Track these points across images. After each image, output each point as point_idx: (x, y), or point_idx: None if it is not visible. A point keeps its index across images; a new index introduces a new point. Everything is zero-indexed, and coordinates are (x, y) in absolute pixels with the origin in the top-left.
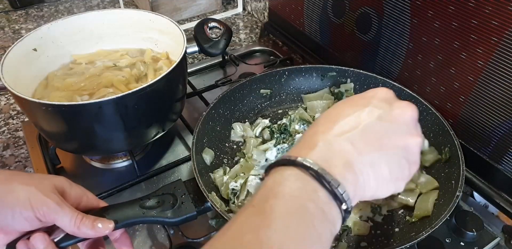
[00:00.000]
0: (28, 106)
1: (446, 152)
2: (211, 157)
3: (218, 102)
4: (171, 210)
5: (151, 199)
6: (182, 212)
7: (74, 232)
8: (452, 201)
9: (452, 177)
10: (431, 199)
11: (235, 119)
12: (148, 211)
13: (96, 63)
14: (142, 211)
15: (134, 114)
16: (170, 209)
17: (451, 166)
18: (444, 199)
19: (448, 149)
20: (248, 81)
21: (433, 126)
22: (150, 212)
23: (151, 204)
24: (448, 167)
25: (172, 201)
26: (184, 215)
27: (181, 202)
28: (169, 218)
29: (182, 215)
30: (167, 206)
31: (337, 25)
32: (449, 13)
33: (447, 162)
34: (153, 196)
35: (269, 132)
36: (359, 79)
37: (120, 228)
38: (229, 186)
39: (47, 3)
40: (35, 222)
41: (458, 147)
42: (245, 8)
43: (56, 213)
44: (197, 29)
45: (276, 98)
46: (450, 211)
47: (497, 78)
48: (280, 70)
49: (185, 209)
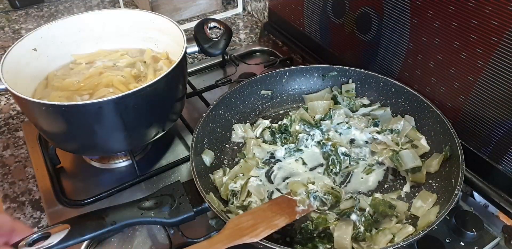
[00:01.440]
0: (28, 106)
1: (447, 150)
2: (211, 158)
3: (218, 104)
4: (169, 211)
5: (150, 200)
6: (180, 212)
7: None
8: (451, 200)
9: (452, 175)
10: (433, 212)
11: (236, 120)
12: (146, 212)
13: (96, 63)
14: (140, 212)
15: (134, 114)
16: (168, 209)
17: (451, 164)
18: (443, 198)
19: (448, 147)
20: (248, 83)
21: (434, 124)
22: (148, 213)
23: (149, 205)
24: (448, 165)
25: (170, 202)
26: (181, 215)
27: (179, 202)
28: (166, 219)
29: (180, 216)
30: (165, 207)
31: (337, 25)
32: (449, 13)
33: (447, 161)
34: (152, 197)
35: (270, 132)
36: (360, 79)
37: (118, 229)
38: (229, 187)
39: (47, 3)
40: None
41: (458, 145)
42: (245, 8)
43: None
44: (197, 29)
45: (277, 99)
46: (449, 210)
47: (497, 78)
48: (281, 71)
49: (183, 210)
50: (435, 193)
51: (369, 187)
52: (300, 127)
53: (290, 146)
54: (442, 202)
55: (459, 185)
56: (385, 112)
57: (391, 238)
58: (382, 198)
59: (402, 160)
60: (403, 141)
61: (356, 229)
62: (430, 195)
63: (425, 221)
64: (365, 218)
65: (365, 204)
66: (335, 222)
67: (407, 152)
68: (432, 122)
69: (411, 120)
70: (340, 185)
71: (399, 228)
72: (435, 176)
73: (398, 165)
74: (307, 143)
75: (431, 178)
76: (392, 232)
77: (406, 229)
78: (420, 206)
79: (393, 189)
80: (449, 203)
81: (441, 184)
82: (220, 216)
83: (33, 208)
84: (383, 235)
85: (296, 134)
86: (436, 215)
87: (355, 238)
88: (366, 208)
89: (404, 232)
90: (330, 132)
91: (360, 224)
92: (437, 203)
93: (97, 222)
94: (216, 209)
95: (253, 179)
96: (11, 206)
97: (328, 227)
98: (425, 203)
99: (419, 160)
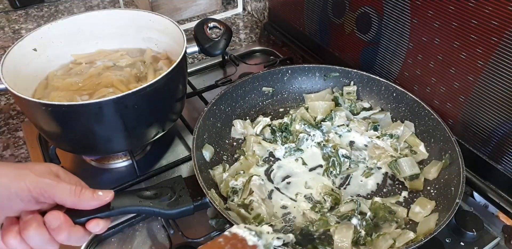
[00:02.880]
0: (28, 106)
1: (447, 158)
2: (211, 153)
3: (220, 98)
4: (168, 202)
5: (150, 190)
6: (179, 204)
7: (75, 204)
8: (451, 208)
9: (451, 183)
10: (432, 219)
11: (236, 116)
12: (144, 201)
13: (96, 63)
14: (139, 200)
15: (134, 114)
16: (166, 200)
17: (451, 172)
18: (443, 205)
19: (448, 155)
20: (250, 79)
21: (434, 131)
22: (147, 202)
23: (148, 195)
24: (448, 173)
25: (170, 194)
26: (180, 207)
27: (179, 195)
28: (165, 209)
29: (178, 208)
30: (164, 198)
31: (337, 25)
32: (449, 13)
33: (446, 168)
34: (152, 188)
35: (270, 130)
36: (361, 81)
37: (116, 214)
38: (229, 184)
39: (47, 3)
40: (31, 203)
41: (459, 153)
42: (245, 8)
43: (54, 187)
44: (197, 29)
45: (278, 96)
46: (450, 218)
47: (497, 78)
48: (283, 69)
49: (182, 202)
50: (434, 200)
51: (368, 190)
52: (301, 126)
53: (290, 145)
54: (441, 210)
55: (460, 194)
56: (385, 116)
57: (391, 243)
58: (382, 202)
59: (400, 168)
60: (402, 146)
61: (357, 233)
62: (429, 202)
63: (425, 227)
64: (366, 222)
65: (366, 208)
66: (336, 225)
67: (405, 160)
68: (432, 129)
69: (411, 126)
70: (339, 187)
71: (399, 234)
72: (433, 183)
73: (397, 172)
74: (307, 143)
75: (429, 185)
76: (392, 237)
77: (406, 234)
78: (418, 212)
79: (392, 194)
80: (450, 212)
81: (440, 191)
82: (222, 213)
83: None
84: (383, 240)
85: (297, 134)
86: (436, 222)
87: (355, 242)
88: (367, 212)
89: (405, 237)
90: (330, 133)
91: (361, 228)
92: (435, 210)
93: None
94: (218, 206)
95: (256, 178)
96: None
97: (328, 229)
98: (424, 209)
99: (417, 167)
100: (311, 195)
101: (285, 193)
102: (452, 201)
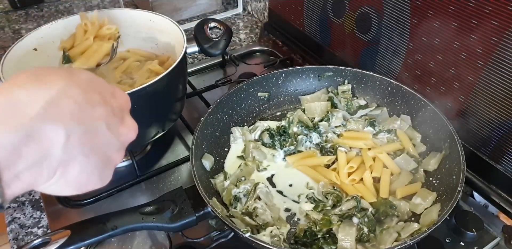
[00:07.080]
0: None
1: (446, 148)
2: (211, 162)
3: (216, 107)
4: (170, 216)
5: (151, 205)
6: (182, 217)
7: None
8: (454, 196)
9: (452, 172)
10: (434, 210)
11: (234, 123)
12: (147, 217)
13: None
14: (141, 217)
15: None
16: (169, 215)
17: (451, 161)
18: (446, 195)
19: (448, 144)
20: (245, 85)
21: (432, 122)
22: (149, 218)
23: (150, 210)
24: (448, 162)
25: (172, 207)
26: (183, 220)
27: (181, 207)
28: (168, 224)
29: (181, 220)
30: (167, 212)
31: (337, 25)
32: (449, 13)
33: (446, 158)
34: (153, 203)
35: (269, 134)
36: (356, 78)
37: (119, 234)
38: (232, 192)
39: (47, 3)
40: None
41: (457, 141)
42: (245, 8)
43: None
44: (197, 29)
45: (274, 100)
46: (453, 206)
47: (497, 78)
48: (277, 72)
49: (185, 215)
50: (435, 191)
51: None
52: (298, 129)
53: (289, 148)
54: (444, 199)
55: (461, 181)
56: (382, 112)
57: (396, 236)
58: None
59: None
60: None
61: (360, 230)
62: (430, 193)
63: (428, 219)
64: (368, 218)
65: (366, 204)
66: (338, 223)
67: (399, 159)
68: (429, 120)
69: (408, 119)
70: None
71: (403, 226)
72: (434, 174)
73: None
74: (306, 145)
75: (431, 176)
76: (396, 230)
77: (411, 226)
78: (419, 203)
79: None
80: (452, 200)
81: (442, 181)
82: (224, 221)
83: (33, 208)
84: (388, 234)
85: (295, 136)
86: (439, 213)
87: (359, 239)
88: (368, 208)
89: (409, 229)
90: (328, 133)
91: (363, 225)
92: (437, 200)
93: (98, 227)
94: (220, 214)
95: (262, 186)
96: (11, 206)
97: (331, 228)
98: (424, 201)
99: (413, 162)
100: (314, 195)
101: (288, 196)
102: (454, 190)
